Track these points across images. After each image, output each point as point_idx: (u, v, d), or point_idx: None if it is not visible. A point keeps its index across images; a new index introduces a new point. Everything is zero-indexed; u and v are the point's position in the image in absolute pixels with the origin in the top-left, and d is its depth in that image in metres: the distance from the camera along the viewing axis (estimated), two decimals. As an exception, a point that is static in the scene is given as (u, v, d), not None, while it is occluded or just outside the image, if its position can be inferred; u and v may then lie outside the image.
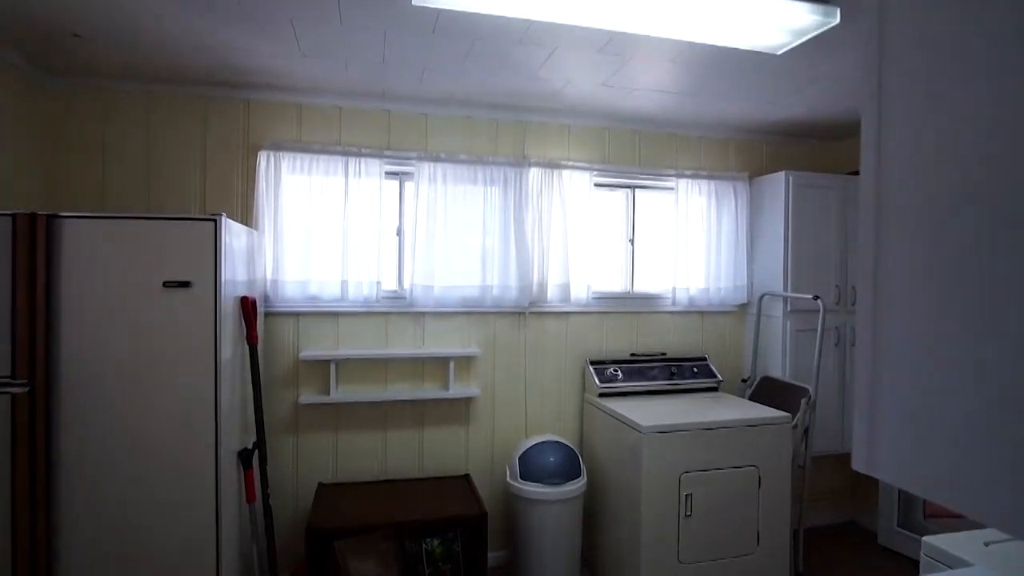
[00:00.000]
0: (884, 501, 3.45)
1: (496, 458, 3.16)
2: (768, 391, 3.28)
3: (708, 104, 3.01)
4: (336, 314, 2.95)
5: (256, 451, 2.36)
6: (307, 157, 2.87)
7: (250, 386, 2.44)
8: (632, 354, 3.37)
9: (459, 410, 3.11)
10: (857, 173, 3.53)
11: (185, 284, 1.97)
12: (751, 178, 3.52)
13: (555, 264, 3.17)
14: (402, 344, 3.03)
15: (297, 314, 2.90)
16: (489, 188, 3.08)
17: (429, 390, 3.05)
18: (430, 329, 3.07)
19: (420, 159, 2.98)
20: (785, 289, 3.28)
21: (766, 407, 2.98)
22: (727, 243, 3.44)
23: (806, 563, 3.22)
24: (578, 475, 2.85)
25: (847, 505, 3.77)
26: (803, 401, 3.01)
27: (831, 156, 3.77)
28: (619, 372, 3.19)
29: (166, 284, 1.95)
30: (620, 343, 3.39)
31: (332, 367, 2.87)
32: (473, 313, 3.12)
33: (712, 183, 3.42)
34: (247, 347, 2.40)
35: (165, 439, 1.98)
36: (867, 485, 3.67)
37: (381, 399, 2.94)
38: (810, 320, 3.30)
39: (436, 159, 2.99)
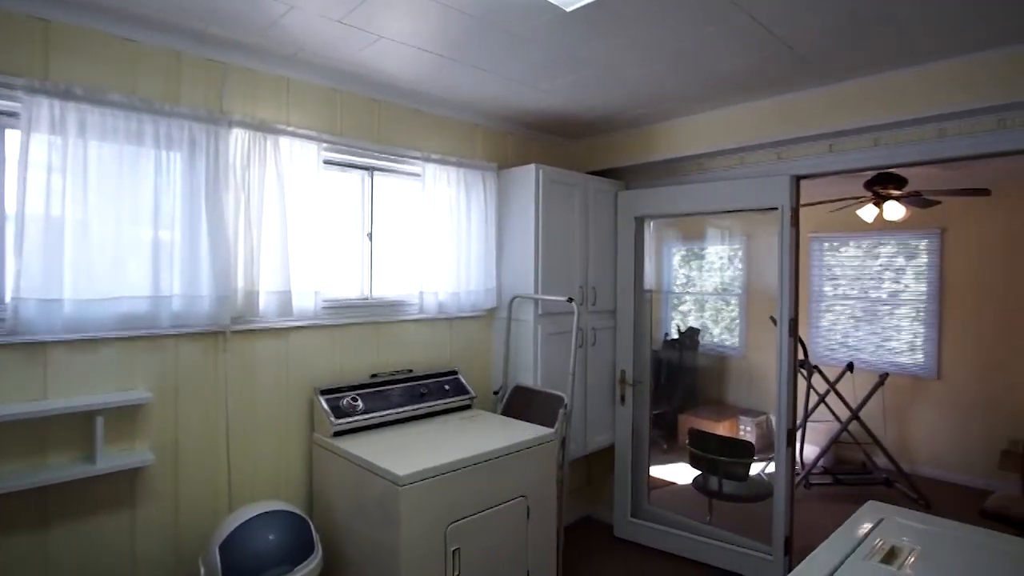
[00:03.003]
0: (619, 495, 3.55)
1: (184, 551, 2.17)
2: (521, 402, 3.02)
3: (463, 76, 2.55)
4: None
5: None
6: None
7: None
8: (373, 375, 2.73)
9: (117, 489, 2.03)
10: (598, 173, 3.53)
11: None
12: (499, 170, 3.22)
13: (270, 265, 2.34)
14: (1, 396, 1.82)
15: None
16: (167, 153, 2.08)
17: (59, 467, 1.90)
18: (59, 368, 1.92)
19: (33, 92, 1.81)
20: (536, 291, 3.06)
21: (530, 424, 2.69)
22: (477, 240, 3.07)
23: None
24: (311, 552, 2.11)
25: (582, 501, 3.81)
26: (560, 411, 2.82)
27: (571, 155, 3.73)
28: (359, 401, 2.52)
29: None
30: (358, 363, 2.72)
31: None
32: (140, 338, 2.08)
33: (461, 171, 3.00)
34: None
35: None
36: (599, 480, 3.76)
37: (-45, 496, 1.70)
38: (560, 323, 3.15)
39: (66, 95, 1.86)
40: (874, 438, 4.63)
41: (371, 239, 2.81)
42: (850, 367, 4.86)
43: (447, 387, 2.88)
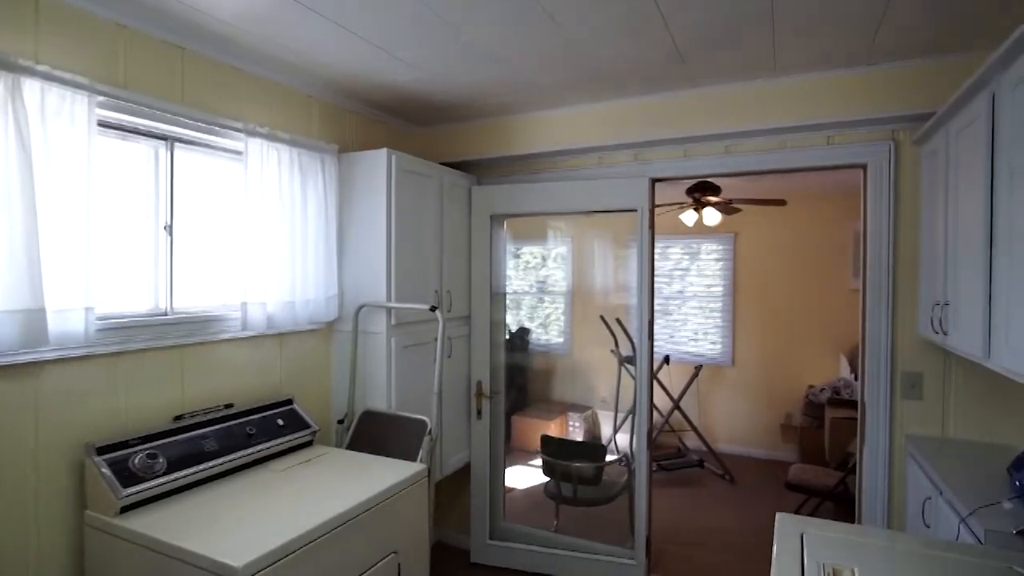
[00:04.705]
0: (476, 518, 3.24)
1: None
2: (373, 430, 2.55)
3: (305, 27, 1.99)
4: None
5: None
6: None
7: None
8: (178, 417, 2.04)
9: None
10: (451, 165, 3.16)
11: None
12: (340, 154, 2.68)
13: (5, 270, 1.55)
14: None
15: None
16: None
17: None
18: None
19: None
20: (389, 297, 2.60)
21: (390, 460, 2.24)
22: (316, 238, 2.50)
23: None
24: None
25: (432, 527, 3.43)
26: (425, 438, 2.42)
27: (419, 143, 3.31)
28: (159, 457, 1.83)
29: None
30: (155, 402, 2.00)
31: None
32: None
33: (295, 152, 2.40)
34: None
35: None
36: (449, 501, 3.42)
37: None
38: (417, 334, 2.73)
39: None
40: (692, 425, 5.03)
41: (171, 233, 2.09)
42: (666, 360, 5.22)
43: (281, 422, 2.28)
